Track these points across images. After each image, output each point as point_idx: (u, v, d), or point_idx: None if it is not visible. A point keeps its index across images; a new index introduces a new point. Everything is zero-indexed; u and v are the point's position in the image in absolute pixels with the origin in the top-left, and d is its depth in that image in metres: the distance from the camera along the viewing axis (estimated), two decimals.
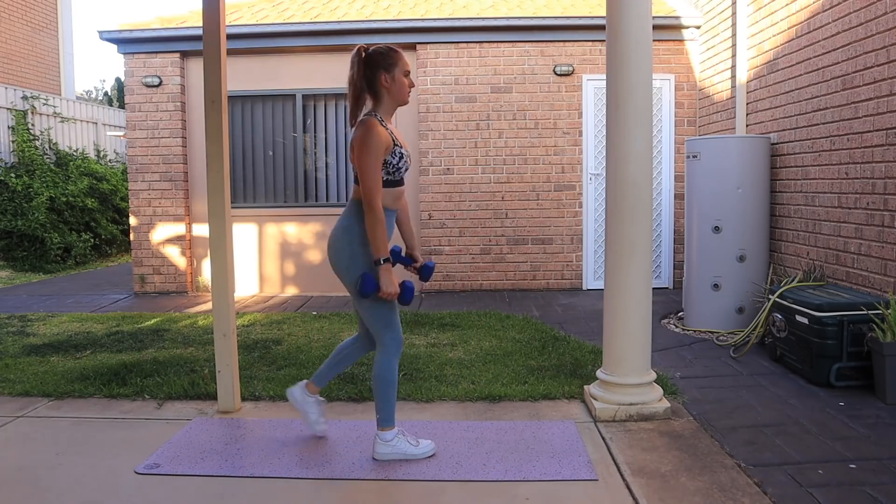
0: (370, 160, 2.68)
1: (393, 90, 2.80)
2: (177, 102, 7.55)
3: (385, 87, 2.79)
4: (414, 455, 2.94)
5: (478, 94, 7.35)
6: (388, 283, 2.71)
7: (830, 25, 4.75)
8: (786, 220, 5.41)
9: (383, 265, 2.70)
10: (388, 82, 2.78)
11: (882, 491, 2.61)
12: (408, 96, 2.86)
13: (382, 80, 2.78)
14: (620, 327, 3.46)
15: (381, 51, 2.79)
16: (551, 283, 7.43)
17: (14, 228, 9.38)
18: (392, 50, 2.81)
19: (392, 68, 2.78)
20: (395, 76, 2.79)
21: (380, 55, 2.78)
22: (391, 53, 2.80)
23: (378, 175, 2.71)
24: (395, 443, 2.94)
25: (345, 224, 2.84)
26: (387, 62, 2.77)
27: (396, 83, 2.80)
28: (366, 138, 2.68)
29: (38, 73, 14.05)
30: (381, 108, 2.82)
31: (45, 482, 2.80)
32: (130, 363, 4.44)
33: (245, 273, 7.64)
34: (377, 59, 2.77)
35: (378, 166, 2.70)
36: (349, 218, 2.84)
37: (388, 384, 2.88)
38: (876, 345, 3.67)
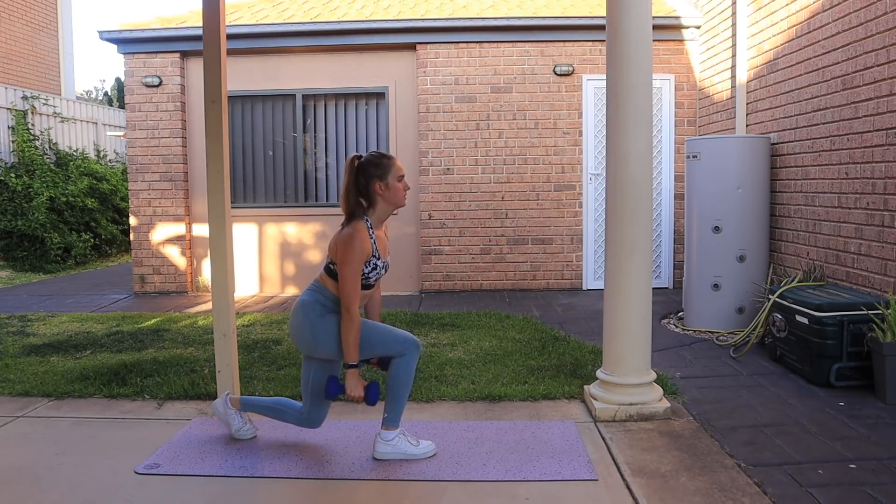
0: (351, 267, 2.76)
1: (388, 196, 2.86)
2: (177, 102, 7.55)
3: (380, 195, 2.85)
4: (414, 455, 2.95)
5: (478, 94, 7.35)
6: (354, 387, 2.82)
7: (830, 25, 4.75)
8: (786, 220, 5.41)
9: (351, 370, 2.81)
10: (382, 189, 2.84)
11: (882, 491, 2.61)
12: (404, 199, 2.91)
13: (377, 187, 2.83)
14: (620, 327, 3.46)
15: (373, 161, 2.85)
16: (551, 283, 7.43)
17: (14, 228, 9.38)
18: (384, 157, 2.87)
19: (385, 176, 2.83)
20: (390, 183, 2.84)
21: (372, 165, 2.83)
22: (384, 161, 2.85)
23: (357, 282, 2.78)
24: (395, 442, 2.94)
25: (304, 300, 2.91)
26: (380, 171, 2.83)
27: (391, 189, 2.85)
28: (350, 243, 2.75)
29: (38, 73, 14.05)
30: (374, 212, 2.88)
31: (45, 482, 2.80)
32: (130, 363, 4.44)
33: (245, 273, 7.64)
34: (370, 169, 2.83)
35: (357, 274, 2.78)
36: (310, 294, 2.91)
37: (403, 386, 2.90)
38: (876, 345, 3.67)
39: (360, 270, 2.78)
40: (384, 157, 2.86)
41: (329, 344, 2.87)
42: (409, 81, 7.46)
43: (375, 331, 2.90)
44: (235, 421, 3.24)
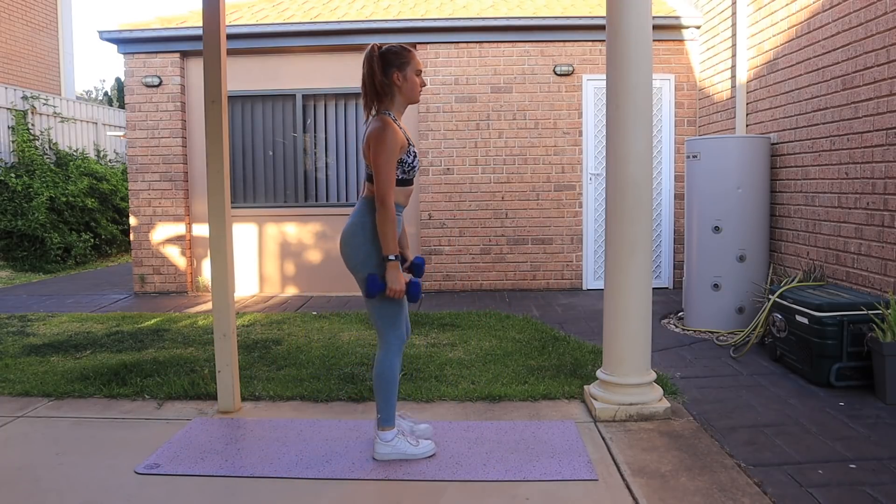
0: (385, 158, 2.71)
1: (405, 88, 2.84)
2: (177, 102, 7.55)
3: (397, 86, 2.83)
4: (413, 455, 2.94)
5: (478, 94, 7.35)
6: (395, 280, 2.74)
7: (830, 25, 4.75)
8: (786, 220, 5.41)
9: (391, 262, 2.73)
10: (400, 80, 2.82)
11: (882, 491, 2.61)
12: (419, 95, 2.91)
13: (396, 78, 2.81)
14: (620, 327, 3.46)
15: (394, 49, 2.83)
16: (551, 283, 7.43)
17: (14, 228, 9.38)
18: (405, 49, 2.85)
19: (405, 67, 2.82)
20: (408, 75, 2.83)
21: (393, 54, 2.82)
22: (404, 52, 2.83)
23: (393, 173, 2.74)
24: (395, 443, 2.94)
25: (359, 221, 2.85)
26: (400, 60, 2.82)
27: (408, 82, 2.83)
28: (382, 136, 2.71)
29: (38, 73, 14.05)
30: (393, 106, 2.86)
31: (45, 482, 2.80)
32: (130, 363, 4.44)
33: (245, 273, 7.64)
34: (390, 58, 2.81)
35: (393, 165, 2.74)
36: (363, 215, 2.84)
37: (389, 382, 2.88)
38: (876, 345, 3.67)
39: (394, 162, 2.73)
40: (404, 49, 2.84)
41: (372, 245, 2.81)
42: None
43: (395, 301, 2.84)
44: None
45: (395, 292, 2.74)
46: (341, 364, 4.41)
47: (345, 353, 4.70)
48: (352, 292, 7.40)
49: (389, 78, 2.81)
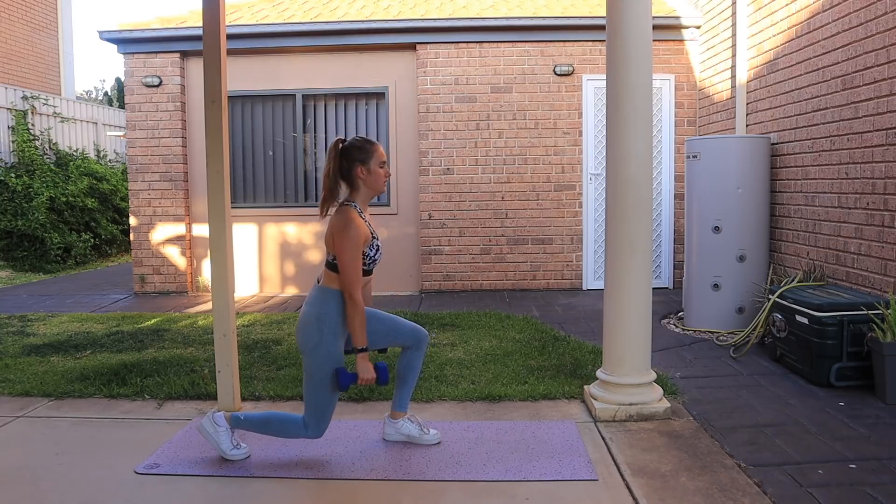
0: (351, 253, 2.74)
1: (369, 181, 2.87)
2: (177, 102, 7.55)
3: (361, 179, 2.85)
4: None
5: (478, 94, 7.35)
6: (366, 370, 2.80)
7: (830, 25, 4.76)
8: (786, 220, 5.41)
9: (361, 353, 2.80)
10: (364, 174, 2.85)
11: (882, 491, 2.61)
12: (384, 186, 2.93)
13: (359, 172, 2.84)
14: (620, 327, 3.46)
15: (356, 144, 2.86)
16: (551, 283, 7.43)
17: (14, 228, 9.38)
18: (368, 142, 2.88)
19: (368, 161, 2.85)
20: (371, 168, 2.85)
21: (356, 149, 2.85)
22: (367, 146, 2.86)
23: (359, 268, 2.77)
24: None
25: (315, 312, 2.82)
26: (363, 155, 2.84)
27: (373, 175, 2.86)
28: (347, 231, 2.74)
29: (38, 73, 14.05)
30: (357, 197, 2.88)
31: (45, 482, 2.80)
32: (130, 363, 4.44)
33: (245, 273, 7.64)
34: (353, 153, 2.84)
35: (359, 259, 2.77)
36: (321, 306, 2.82)
37: (277, 425, 2.93)
38: (876, 345, 3.67)
39: (359, 256, 2.77)
40: (367, 143, 2.88)
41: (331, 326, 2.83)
42: (408, 81, 7.46)
43: (330, 391, 2.86)
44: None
45: (367, 381, 2.80)
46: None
47: None
48: None
49: (353, 172, 2.84)
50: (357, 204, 2.85)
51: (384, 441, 3.18)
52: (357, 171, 2.83)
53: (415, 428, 3.15)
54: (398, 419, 3.17)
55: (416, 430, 3.14)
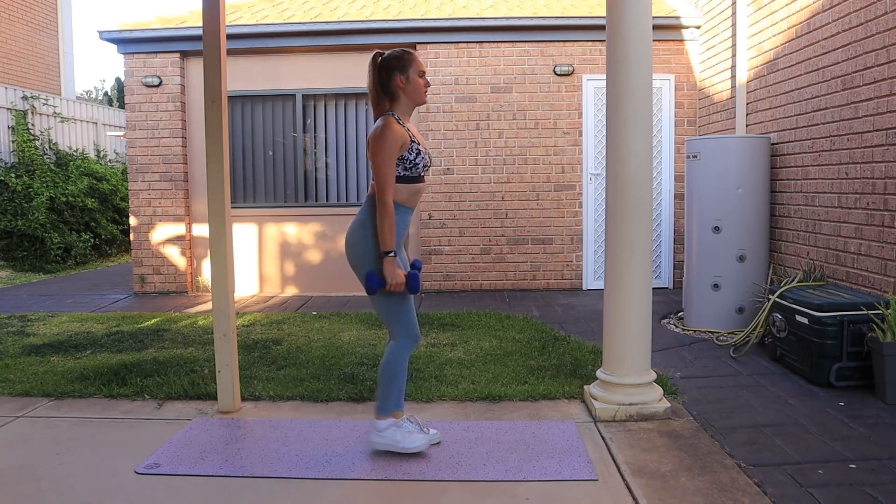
0: (384, 155, 2.74)
1: (408, 90, 2.89)
2: (177, 102, 7.55)
3: (401, 88, 2.88)
4: (404, 448, 2.95)
5: (478, 94, 7.35)
6: (393, 275, 2.77)
7: (830, 25, 4.75)
8: (786, 220, 5.41)
9: (388, 258, 2.76)
10: (403, 83, 2.87)
11: (882, 491, 2.61)
12: (424, 96, 2.95)
13: (398, 81, 2.87)
14: (620, 327, 3.46)
15: (395, 54, 2.90)
16: (551, 283, 7.43)
17: (14, 228, 9.38)
18: (406, 52, 2.91)
19: (406, 69, 2.88)
20: (410, 77, 2.88)
21: (394, 58, 2.88)
22: (405, 55, 2.89)
23: (391, 171, 2.76)
24: (388, 433, 2.96)
25: (359, 219, 2.90)
26: (401, 64, 2.87)
27: (411, 84, 2.89)
28: (381, 134, 2.76)
29: (38, 73, 14.04)
30: (398, 108, 2.91)
31: (45, 482, 2.80)
32: (130, 363, 4.44)
33: (245, 273, 7.64)
34: (391, 62, 2.88)
35: (391, 162, 2.76)
36: (364, 213, 2.89)
37: (392, 373, 2.91)
38: (876, 345, 3.67)
39: (393, 159, 2.76)
40: (405, 52, 2.91)
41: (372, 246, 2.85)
42: None
43: (397, 297, 2.87)
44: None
45: (394, 286, 2.77)
46: (341, 364, 4.42)
47: (345, 353, 4.70)
48: (352, 292, 7.40)
49: (392, 82, 2.86)
50: (396, 113, 2.87)
51: None
52: (396, 81, 2.86)
53: (414, 427, 3.05)
54: (399, 419, 3.16)
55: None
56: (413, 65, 2.88)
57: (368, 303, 6.72)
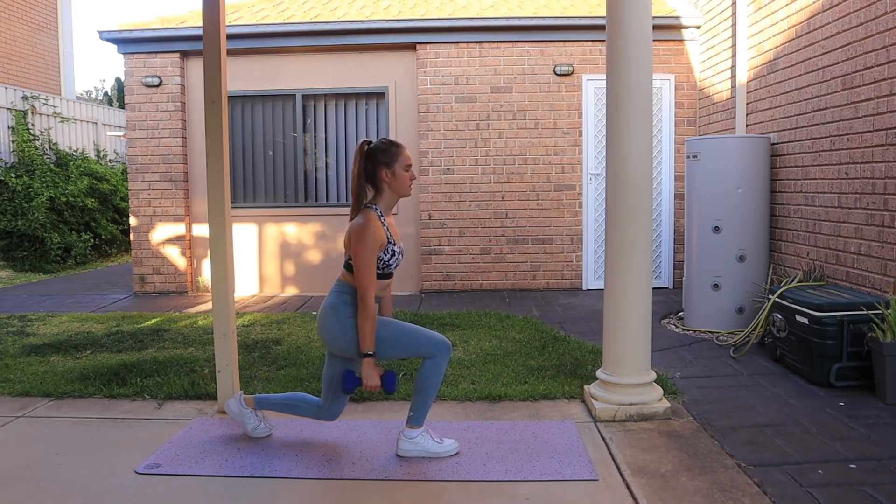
0: (365, 256, 2.76)
1: (394, 185, 2.88)
2: (177, 102, 7.55)
3: (386, 182, 2.87)
4: (436, 453, 2.97)
5: (478, 94, 7.35)
6: (370, 377, 2.81)
7: (830, 25, 4.76)
8: (786, 220, 5.41)
9: (367, 360, 2.80)
10: (388, 177, 2.86)
11: (882, 491, 2.61)
12: (409, 190, 2.94)
13: (383, 175, 2.86)
14: (620, 327, 3.46)
15: (381, 146, 2.88)
16: (551, 283, 7.43)
17: (14, 228, 9.38)
18: (393, 145, 2.89)
19: (392, 164, 2.86)
20: (396, 171, 2.87)
21: (380, 151, 2.87)
22: (391, 149, 2.88)
23: (372, 271, 2.78)
24: (419, 440, 2.97)
25: (332, 303, 2.90)
26: (387, 158, 2.86)
27: (397, 178, 2.87)
28: (363, 234, 2.75)
29: (38, 73, 14.04)
30: (381, 200, 2.90)
31: (45, 482, 2.80)
32: (130, 363, 4.44)
33: (245, 273, 7.64)
34: (378, 156, 2.86)
35: (373, 262, 2.78)
36: (336, 297, 2.90)
37: (432, 384, 2.92)
38: (876, 345, 3.67)
39: (374, 260, 2.78)
40: (392, 145, 2.88)
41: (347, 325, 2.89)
42: (408, 81, 7.46)
43: (404, 331, 2.90)
44: (251, 420, 3.22)
45: (371, 388, 2.81)
46: None
47: None
48: None
49: (378, 174, 2.85)
50: (379, 207, 2.87)
51: (384, 441, 3.17)
52: (381, 174, 2.85)
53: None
54: (249, 406, 3.23)
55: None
56: (399, 159, 2.86)
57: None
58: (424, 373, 2.91)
